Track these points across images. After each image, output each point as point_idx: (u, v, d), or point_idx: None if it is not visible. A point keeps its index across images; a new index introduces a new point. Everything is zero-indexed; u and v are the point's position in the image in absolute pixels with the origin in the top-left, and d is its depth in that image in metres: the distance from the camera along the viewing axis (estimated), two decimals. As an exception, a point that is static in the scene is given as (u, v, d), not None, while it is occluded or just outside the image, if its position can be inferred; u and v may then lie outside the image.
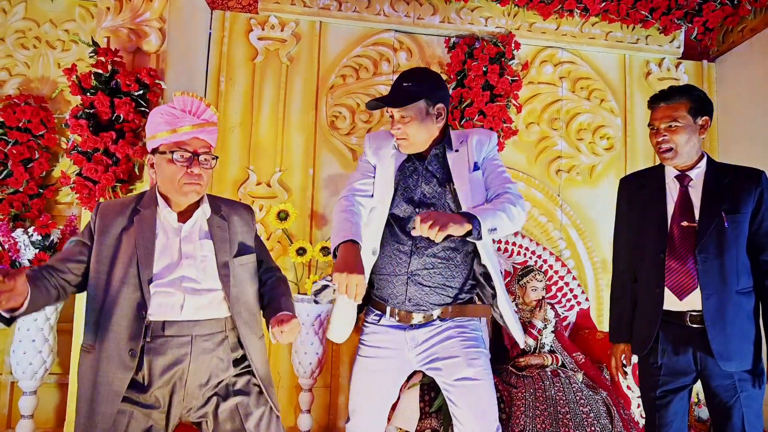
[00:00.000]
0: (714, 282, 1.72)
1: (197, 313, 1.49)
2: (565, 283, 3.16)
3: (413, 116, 1.68)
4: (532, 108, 3.40)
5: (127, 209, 1.54)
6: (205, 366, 1.51)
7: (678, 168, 1.86)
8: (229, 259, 1.57)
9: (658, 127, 1.84)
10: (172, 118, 1.51)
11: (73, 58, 3.09)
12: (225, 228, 1.60)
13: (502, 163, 1.79)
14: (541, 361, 2.68)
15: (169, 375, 1.46)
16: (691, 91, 1.84)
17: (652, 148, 1.93)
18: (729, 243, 1.73)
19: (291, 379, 3.03)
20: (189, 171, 1.50)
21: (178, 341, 1.46)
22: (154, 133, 1.52)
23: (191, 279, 1.50)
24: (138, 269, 1.45)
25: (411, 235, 1.66)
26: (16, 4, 3.11)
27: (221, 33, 3.16)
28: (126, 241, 1.48)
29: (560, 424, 2.30)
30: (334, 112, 3.23)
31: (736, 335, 1.72)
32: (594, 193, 3.41)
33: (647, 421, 1.93)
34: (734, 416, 1.72)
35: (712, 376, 1.76)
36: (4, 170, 2.88)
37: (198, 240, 1.54)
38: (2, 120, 2.89)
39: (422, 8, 3.28)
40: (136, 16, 2.48)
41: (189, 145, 1.51)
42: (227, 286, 1.53)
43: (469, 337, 1.73)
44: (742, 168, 1.83)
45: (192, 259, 1.51)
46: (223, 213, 1.63)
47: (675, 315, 1.79)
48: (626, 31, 3.43)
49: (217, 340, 1.53)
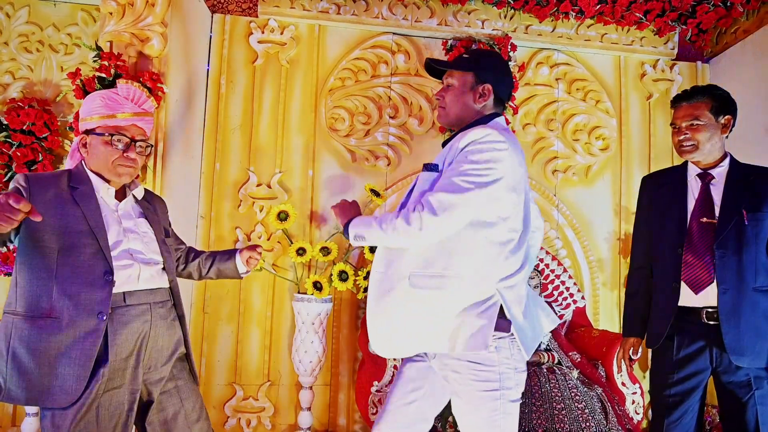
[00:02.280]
0: (731, 277, 1.73)
1: (150, 281, 1.61)
2: (562, 281, 3.21)
3: (456, 85, 1.61)
4: (528, 109, 3.45)
5: (60, 183, 1.54)
6: (163, 331, 1.63)
7: (700, 166, 1.88)
8: (162, 237, 1.72)
9: (680, 125, 1.87)
10: (114, 103, 1.60)
11: (76, 62, 3.14)
12: (153, 211, 1.75)
13: (464, 169, 1.43)
14: (537, 359, 2.72)
15: (134, 343, 1.55)
16: (712, 91, 1.87)
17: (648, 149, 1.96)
18: (748, 240, 1.74)
19: (291, 376, 3.07)
20: (125, 155, 1.59)
21: (139, 309, 1.57)
22: (91, 115, 1.60)
23: (139, 252, 1.60)
24: (96, 239, 1.49)
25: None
26: (19, 8, 3.15)
27: (222, 36, 3.21)
28: (71, 213, 1.49)
29: (555, 420, 2.35)
30: (333, 114, 3.27)
31: (751, 331, 1.72)
32: (590, 193, 3.46)
33: (655, 416, 1.92)
34: (748, 413, 1.72)
35: (725, 373, 1.76)
36: (8, 172, 2.93)
37: (135, 218, 1.67)
38: (6, 123, 2.94)
39: (420, 11, 3.32)
40: (138, 20, 2.53)
41: (128, 131, 1.61)
42: (167, 260, 1.68)
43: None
44: (766, 169, 1.86)
45: (135, 234, 1.62)
46: (147, 198, 1.77)
47: (691, 311, 1.80)
48: (621, 33, 3.48)
49: (168, 307, 1.68)
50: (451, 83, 1.62)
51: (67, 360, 1.42)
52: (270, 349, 3.11)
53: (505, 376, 1.41)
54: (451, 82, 1.62)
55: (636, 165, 3.48)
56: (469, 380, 1.43)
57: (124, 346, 1.52)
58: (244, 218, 3.16)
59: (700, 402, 1.84)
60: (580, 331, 3.12)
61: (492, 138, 1.43)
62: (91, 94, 1.64)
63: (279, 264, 3.14)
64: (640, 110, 3.55)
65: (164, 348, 1.64)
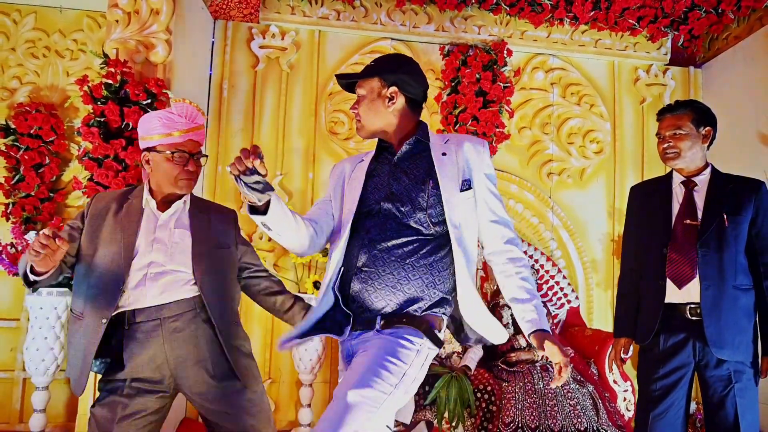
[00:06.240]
0: (713, 275, 1.86)
1: (162, 296, 1.65)
2: (556, 282, 3.28)
3: (365, 95, 1.53)
4: (524, 113, 3.52)
5: (119, 198, 1.75)
6: (181, 341, 1.67)
7: (684, 174, 2.02)
8: (206, 249, 1.75)
9: (664, 135, 2.01)
10: (170, 122, 1.71)
11: (82, 67, 3.22)
12: (205, 222, 1.79)
13: (496, 183, 1.54)
14: (531, 357, 2.80)
15: (155, 355, 1.63)
16: (694, 104, 2.03)
17: (641, 153, 2.05)
18: (728, 241, 1.88)
19: (292, 374, 3.15)
20: (185, 169, 1.71)
21: (149, 325, 1.63)
22: (150, 134, 1.72)
23: (156, 263, 1.66)
24: (122, 250, 1.63)
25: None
26: (26, 14, 3.23)
27: (224, 42, 3.28)
28: (114, 225, 1.68)
29: (548, 416, 2.42)
30: (333, 118, 3.35)
31: (731, 326, 1.84)
32: (584, 195, 3.54)
33: (640, 409, 2.00)
34: (727, 406, 1.82)
35: (708, 367, 1.87)
36: (16, 175, 3.00)
37: (174, 228, 1.72)
38: (14, 127, 3.01)
39: (418, 17, 3.40)
40: (143, 28, 2.60)
41: (185, 146, 1.71)
42: (200, 272, 1.70)
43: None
44: (744, 178, 2.00)
45: (161, 244, 1.68)
46: (204, 210, 1.84)
47: (676, 308, 1.92)
48: (615, 38, 3.55)
49: (187, 318, 1.68)
50: (361, 93, 1.55)
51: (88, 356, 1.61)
52: (271, 347, 3.18)
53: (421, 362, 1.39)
54: (361, 93, 1.55)
55: (629, 168, 3.56)
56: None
57: (139, 361, 1.62)
58: (246, 220, 3.20)
59: (685, 398, 1.93)
60: (573, 331, 3.19)
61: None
62: (147, 114, 1.76)
63: (280, 264, 3.22)
64: (634, 114, 3.62)
65: (188, 359, 1.66)
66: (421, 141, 1.54)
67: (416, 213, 1.44)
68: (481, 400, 2.53)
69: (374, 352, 1.33)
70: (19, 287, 3.01)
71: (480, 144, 1.54)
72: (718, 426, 1.85)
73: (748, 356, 1.86)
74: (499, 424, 2.42)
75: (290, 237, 1.47)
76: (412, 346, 1.35)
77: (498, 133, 3.27)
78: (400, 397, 1.31)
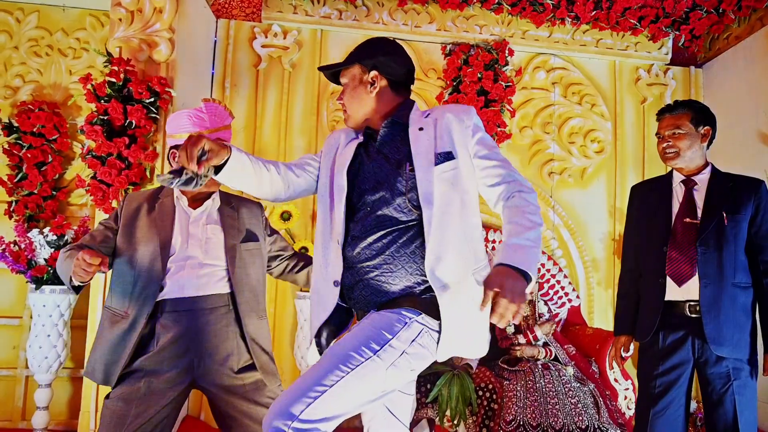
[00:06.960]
0: (712, 272, 1.87)
1: (199, 290, 1.71)
2: (557, 281, 3.29)
3: (347, 83, 1.52)
4: (525, 112, 3.53)
5: (150, 198, 1.80)
6: (211, 336, 1.70)
7: (683, 173, 2.03)
8: (237, 243, 1.79)
9: (664, 134, 2.03)
10: (200, 120, 1.74)
11: (84, 65, 3.23)
12: (234, 217, 1.83)
13: (493, 144, 1.46)
14: (535, 353, 2.80)
15: (181, 346, 1.66)
16: (693, 104, 2.04)
17: (642, 152, 2.06)
18: (728, 240, 1.89)
19: (294, 372, 3.16)
20: None
21: (183, 315, 1.68)
22: (179, 132, 1.74)
23: (194, 258, 1.72)
24: (159, 247, 1.69)
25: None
26: (29, 13, 3.23)
27: (226, 41, 3.29)
28: (149, 224, 1.73)
29: (549, 415, 2.43)
30: (334, 117, 3.35)
31: (730, 323, 1.85)
32: (585, 195, 3.54)
33: (639, 407, 2.01)
34: (726, 402, 1.84)
35: (707, 364, 1.88)
36: (19, 173, 3.01)
37: (206, 225, 1.77)
38: (17, 125, 3.02)
39: (419, 17, 3.40)
40: (147, 27, 2.61)
41: None
42: (232, 266, 1.75)
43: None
44: (744, 177, 2.01)
45: (196, 240, 1.73)
46: (233, 205, 1.87)
47: (676, 305, 1.93)
48: (616, 38, 3.56)
49: (220, 313, 1.73)
50: (344, 82, 1.53)
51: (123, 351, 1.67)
52: (273, 345, 3.18)
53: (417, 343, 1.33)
54: (344, 81, 1.53)
55: (630, 167, 3.57)
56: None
57: (171, 350, 1.66)
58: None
59: (685, 396, 1.94)
60: (574, 329, 3.20)
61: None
62: (177, 112, 1.79)
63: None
64: (635, 114, 3.63)
65: (214, 353, 1.70)
66: (397, 122, 1.48)
67: (395, 199, 1.39)
68: (482, 398, 2.54)
69: (363, 323, 1.34)
70: (22, 285, 3.02)
71: (463, 112, 1.47)
72: (717, 423, 1.86)
73: (747, 353, 1.88)
74: (500, 422, 2.43)
75: (249, 188, 1.47)
76: (401, 318, 1.32)
77: (499, 133, 3.28)
78: (387, 368, 1.25)
